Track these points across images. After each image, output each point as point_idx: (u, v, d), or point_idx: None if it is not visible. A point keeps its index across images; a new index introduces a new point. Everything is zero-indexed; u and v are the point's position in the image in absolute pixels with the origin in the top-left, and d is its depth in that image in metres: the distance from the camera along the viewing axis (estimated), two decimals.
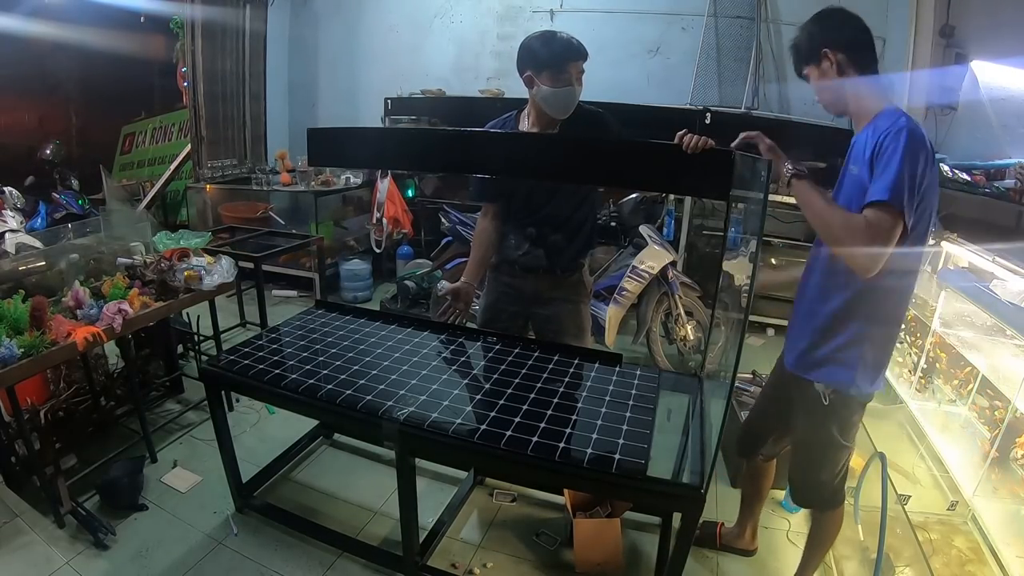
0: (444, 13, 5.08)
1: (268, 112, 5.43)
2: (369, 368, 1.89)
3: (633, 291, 3.22)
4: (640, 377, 1.89)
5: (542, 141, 1.84)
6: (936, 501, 2.03)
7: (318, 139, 2.13)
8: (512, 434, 1.53)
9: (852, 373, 1.43)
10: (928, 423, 2.19)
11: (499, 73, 4.90)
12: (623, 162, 1.67)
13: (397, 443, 1.62)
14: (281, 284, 4.62)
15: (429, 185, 5.02)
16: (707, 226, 4.08)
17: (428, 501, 2.18)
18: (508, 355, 2.00)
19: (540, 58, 1.78)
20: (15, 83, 4.94)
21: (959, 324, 2.19)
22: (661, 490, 1.43)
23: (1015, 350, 1.95)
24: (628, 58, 4.58)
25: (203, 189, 4.78)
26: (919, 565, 1.64)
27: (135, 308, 2.21)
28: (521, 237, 2.04)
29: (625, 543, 2.01)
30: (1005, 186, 3.10)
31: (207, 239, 2.91)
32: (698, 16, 4.37)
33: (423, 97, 4.90)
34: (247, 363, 1.91)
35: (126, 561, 1.93)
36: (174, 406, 2.87)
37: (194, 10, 4.62)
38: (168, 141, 5.90)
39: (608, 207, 3.63)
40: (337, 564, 1.95)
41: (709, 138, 1.34)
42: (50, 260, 2.63)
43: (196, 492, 2.28)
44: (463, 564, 1.97)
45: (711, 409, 1.79)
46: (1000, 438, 1.87)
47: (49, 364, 2.00)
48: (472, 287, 2.06)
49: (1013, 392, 1.79)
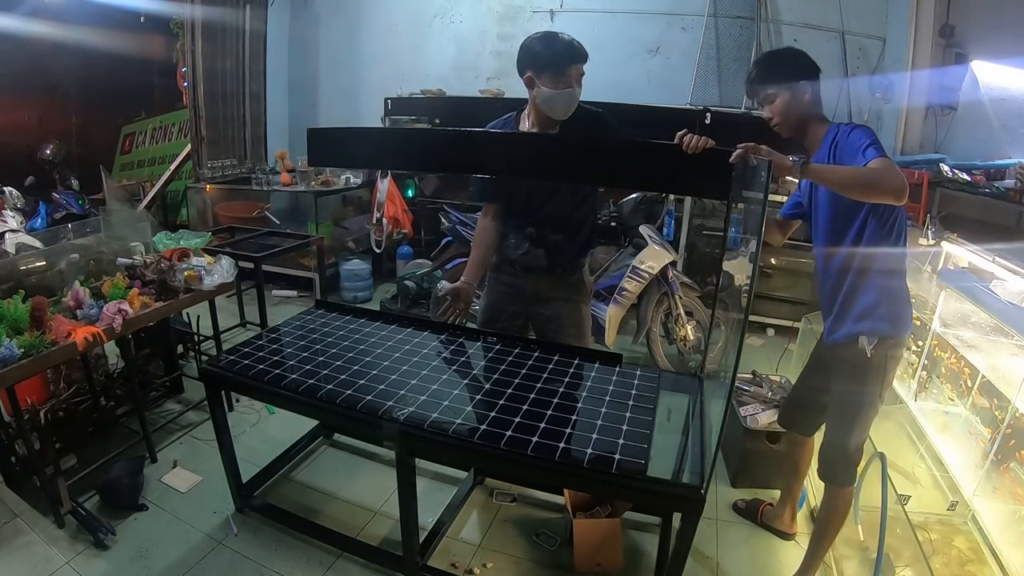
0: (444, 13, 5.08)
1: (268, 112, 5.42)
2: (369, 368, 1.89)
3: (633, 291, 3.22)
4: (640, 377, 1.89)
5: (542, 141, 1.84)
6: (936, 501, 2.03)
7: (318, 139, 2.13)
8: (512, 434, 1.53)
9: (885, 322, 1.62)
10: (928, 423, 2.19)
11: (499, 73, 4.90)
12: (623, 162, 1.68)
13: (397, 443, 1.62)
14: (281, 284, 4.62)
15: (429, 185, 5.02)
16: (707, 226, 4.08)
17: (428, 501, 2.17)
18: (508, 355, 2.00)
19: (541, 60, 1.78)
20: (15, 83, 4.93)
21: (959, 324, 2.19)
22: (661, 490, 1.43)
23: (1015, 350, 1.95)
24: (628, 58, 4.58)
25: (203, 189, 4.77)
26: (919, 565, 1.64)
27: (135, 308, 2.21)
28: (521, 237, 2.04)
29: (625, 543, 2.01)
30: (1005, 186, 3.10)
31: (207, 239, 2.92)
32: (698, 16, 4.37)
33: (423, 97, 4.90)
34: (247, 363, 1.91)
35: (126, 561, 1.93)
36: (174, 406, 2.87)
37: (194, 10, 4.62)
38: (168, 141, 5.90)
39: (608, 207, 3.63)
40: (337, 564, 1.96)
41: (709, 138, 1.43)
42: (50, 260, 2.63)
43: (196, 492, 2.28)
44: (463, 564, 1.97)
45: (711, 409, 1.79)
46: (1000, 438, 1.87)
47: (49, 364, 2.00)
48: (472, 287, 2.06)
49: (1013, 392, 1.79)
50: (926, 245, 2.49)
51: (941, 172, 3.39)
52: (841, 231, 1.64)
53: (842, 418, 1.73)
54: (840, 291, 1.67)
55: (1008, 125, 3.50)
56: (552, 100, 1.80)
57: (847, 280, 1.65)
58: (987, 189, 3.15)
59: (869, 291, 1.63)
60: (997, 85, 3.57)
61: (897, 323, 1.64)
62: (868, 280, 1.62)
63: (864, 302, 1.63)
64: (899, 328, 1.66)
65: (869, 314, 1.63)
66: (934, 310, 2.21)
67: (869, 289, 1.63)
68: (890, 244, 1.60)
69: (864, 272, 1.62)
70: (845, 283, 1.66)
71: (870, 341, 1.62)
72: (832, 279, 1.69)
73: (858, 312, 1.64)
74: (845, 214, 1.61)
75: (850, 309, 1.66)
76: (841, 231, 1.64)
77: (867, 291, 1.63)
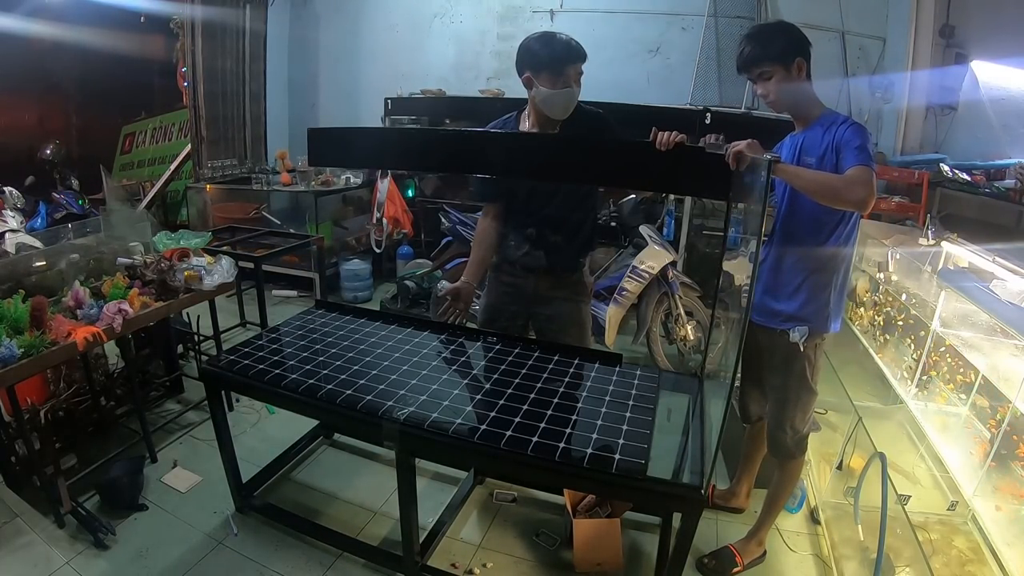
0: (444, 13, 5.08)
1: (268, 112, 5.42)
2: (369, 368, 1.89)
3: (633, 291, 3.22)
4: (640, 377, 1.89)
5: (542, 141, 1.84)
6: (936, 501, 2.03)
7: (318, 139, 2.14)
8: (512, 434, 1.53)
9: (819, 320, 1.74)
10: (928, 423, 2.18)
11: (499, 73, 4.90)
12: (623, 162, 1.68)
13: (397, 443, 1.62)
14: (281, 284, 4.62)
15: (429, 185, 5.02)
16: (707, 226, 4.07)
17: (428, 501, 2.18)
18: (508, 355, 2.00)
19: (539, 60, 1.78)
20: (15, 83, 4.92)
21: (959, 324, 2.19)
22: (661, 490, 1.43)
23: (1015, 350, 1.94)
24: (628, 58, 4.58)
25: (203, 189, 4.77)
26: (919, 565, 1.64)
27: (135, 308, 2.21)
28: (521, 237, 2.04)
29: (625, 543, 2.01)
30: (1005, 186, 3.10)
31: (207, 239, 2.91)
32: (698, 16, 4.37)
33: (423, 97, 4.90)
34: (247, 363, 1.91)
35: (126, 561, 1.93)
36: (174, 406, 2.87)
37: (194, 10, 4.61)
38: (168, 141, 5.90)
39: (608, 207, 3.63)
40: (337, 564, 1.96)
41: (680, 132, 1.50)
42: (50, 260, 2.62)
43: (196, 492, 2.28)
44: (463, 564, 1.97)
45: (711, 409, 1.79)
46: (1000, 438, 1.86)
47: (49, 364, 2.00)
48: (472, 287, 2.06)
49: (1013, 392, 1.79)
50: (926, 245, 2.49)
51: (941, 172, 3.39)
52: (802, 222, 1.69)
53: (784, 403, 1.83)
54: (784, 285, 1.75)
55: (1008, 125, 3.50)
56: (551, 100, 1.80)
57: (793, 276, 1.73)
58: (987, 189, 3.15)
59: (813, 288, 1.71)
60: (997, 85, 3.57)
61: (828, 321, 1.76)
62: (815, 277, 1.71)
63: (802, 298, 1.72)
64: (828, 326, 1.77)
65: (804, 313, 1.72)
66: (934, 310, 2.21)
67: (815, 286, 1.71)
68: (840, 245, 1.68)
69: (815, 269, 1.70)
70: (790, 279, 1.74)
71: (801, 335, 1.72)
72: (773, 275, 1.77)
73: (795, 308, 1.73)
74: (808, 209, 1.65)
75: (789, 304, 1.75)
76: (802, 222, 1.69)
77: (812, 287, 1.71)
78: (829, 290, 1.73)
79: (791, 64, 1.60)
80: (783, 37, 1.64)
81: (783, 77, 1.61)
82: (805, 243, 1.70)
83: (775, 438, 1.89)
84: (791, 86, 1.62)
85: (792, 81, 1.61)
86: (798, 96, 1.65)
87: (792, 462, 1.92)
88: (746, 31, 1.79)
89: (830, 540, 2.05)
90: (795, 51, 1.61)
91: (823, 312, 1.74)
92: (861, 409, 2.12)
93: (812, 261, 1.70)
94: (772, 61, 1.61)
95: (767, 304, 1.80)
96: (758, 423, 2.10)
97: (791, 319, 1.75)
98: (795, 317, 1.74)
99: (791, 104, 1.68)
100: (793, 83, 1.61)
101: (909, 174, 3.52)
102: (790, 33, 1.64)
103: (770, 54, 1.62)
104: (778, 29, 1.68)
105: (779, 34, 1.65)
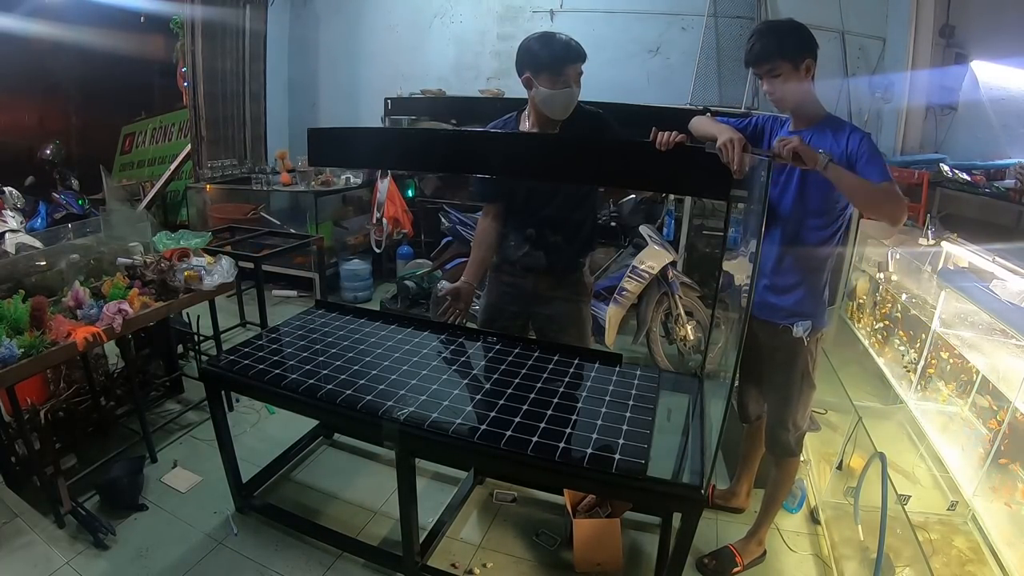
0: (444, 13, 5.08)
1: (268, 112, 5.42)
2: (369, 368, 1.89)
3: (633, 291, 3.22)
4: (640, 377, 1.89)
5: (542, 141, 1.84)
6: (936, 501, 2.03)
7: (318, 139, 2.13)
8: (512, 434, 1.53)
9: (819, 314, 1.79)
10: (928, 423, 2.18)
11: (499, 73, 4.90)
12: (623, 162, 1.68)
13: (397, 443, 1.62)
14: (281, 284, 4.62)
15: (429, 185, 5.01)
16: (707, 226, 4.07)
17: (428, 501, 2.17)
18: (508, 355, 2.00)
19: (538, 60, 1.78)
20: (15, 83, 4.93)
21: (959, 324, 2.19)
22: (661, 490, 1.43)
23: (1015, 350, 1.94)
24: (628, 58, 4.58)
25: (203, 189, 4.77)
26: (919, 565, 1.64)
27: (135, 308, 2.21)
28: (521, 237, 2.04)
29: (625, 543, 2.01)
30: (1005, 186, 3.09)
31: (207, 239, 2.91)
32: (698, 16, 4.37)
33: (423, 97, 4.90)
34: (247, 363, 1.91)
35: (126, 561, 1.93)
36: (174, 406, 2.87)
37: (194, 10, 4.62)
38: (168, 141, 5.90)
39: (608, 207, 3.63)
40: (337, 564, 1.96)
41: (680, 132, 1.54)
42: (50, 260, 2.62)
43: (196, 492, 2.29)
44: (463, 564, 1.97)
45: (711, 409, 1.79)
46: (1000, 438, 1.86)
47: (49, 364, 2.00)
48: (472, 287, 2.06)
49: (1013, 392, 1.79)
50: (926, 245, 2.49)
51: (941, 172, 3.38)
52: (804, 220, 1.72)
53: (787, 400, 1.85)
54: (783, 282, 1.78)
55: (1008, 125, 3.49)
56: (550, 100, 1.80)
57: (791, 275, 1.77)
58: (987, 189, 3.15)
59: (807, 284, 1.76)
60: (997, 85, 3.56)
61: (824, 315, 1.83)
62: (810, 276, 1.76)
63: (799, 295, 1.77)
64: (825, 320, 1.84)
65: (804, 306, 1.77)
66: (934, 310, 2.21)
67: (814, 282, 1.77)
68: (839, 243, 1.74)
69: (815, 268, 1.75)
70: (788, 277, 1.77)
71: (805, 329, 1.75)
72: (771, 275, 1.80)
73: (793, 303, 1.78)
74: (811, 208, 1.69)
75: (788, 299, 1.78)
76: (804, 220, 1.72)
77: (811, 283, 1.76)
78: (825, 285, 1.79)
79: (801, 63, 1.60)
80: (796, 35, 1.63)
81: (792, 76, 1.61)
82: (806, 240, 1.73)
83: (776, 435, 1.90)
84: (799, 85, 1.62)
85: (800, 80, 1.62)
86: (804, 96, 1.65)
87: (790, 460, 1.94)
88: (756, 27, 1.79)
89: (830, 540, 2.05)
90: (806, 51, 1.61)
91: (821, 307, 1.80)
92: (861, 409, 2.12)
93: (813, 259, 1.74)
94: (784, 58, 1.60)
95: (768, 300, 1.82)
96: (756, 422, 2.11)
97: (793, 315, 1.78)
98: (796, 312, 1.77)
99: (796, 103, 1.67)
100: (802, 82, 1.62)
101: (909, 174, 3.51)
102: (802, 32, 1.63)
103: (784, 51, 1.60)
104: (792, 27, 1.66)
105: (792, 32, 1.64)
